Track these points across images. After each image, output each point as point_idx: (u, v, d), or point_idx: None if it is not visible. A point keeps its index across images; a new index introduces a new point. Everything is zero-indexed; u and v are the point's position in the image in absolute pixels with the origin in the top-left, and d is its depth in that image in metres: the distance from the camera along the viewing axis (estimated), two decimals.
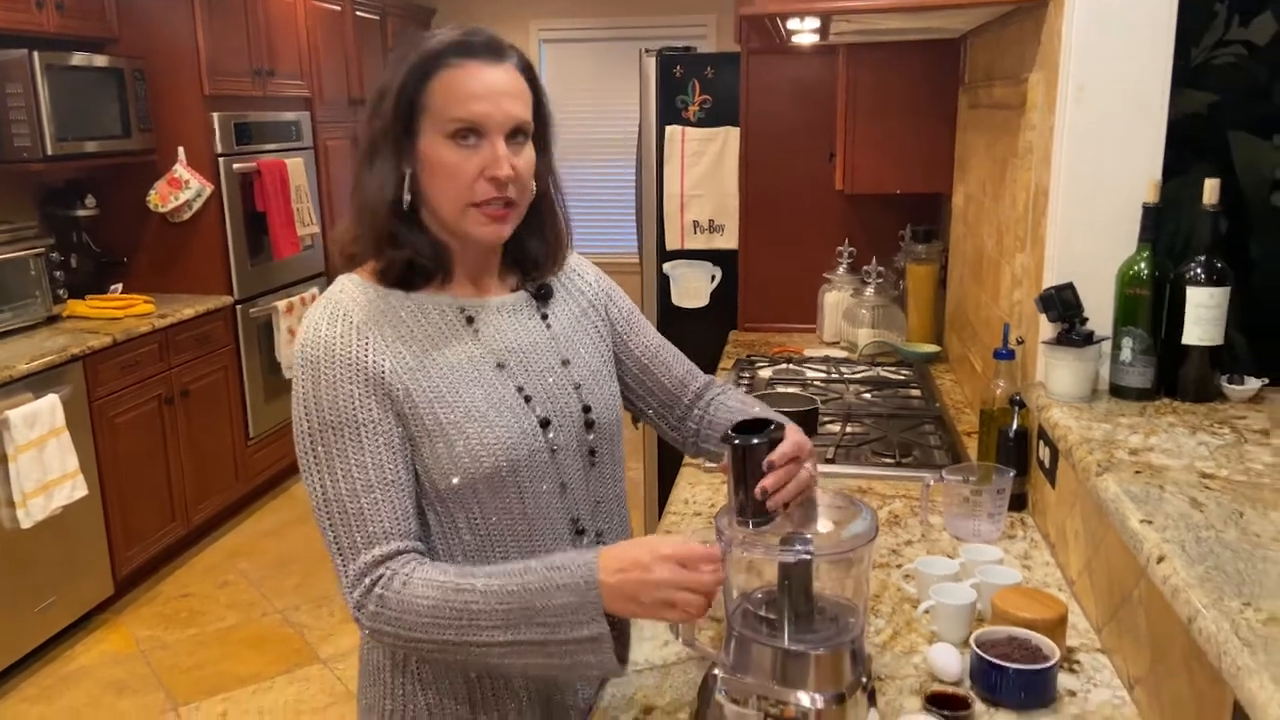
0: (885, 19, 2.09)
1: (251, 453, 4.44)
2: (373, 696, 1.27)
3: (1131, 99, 1.61)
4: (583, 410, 1.27)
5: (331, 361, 1.13)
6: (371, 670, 1.27)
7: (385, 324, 1.16)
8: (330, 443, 1.12)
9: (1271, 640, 0.91)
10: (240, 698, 3.09)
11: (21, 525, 3.07)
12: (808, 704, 1.05)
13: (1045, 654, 1.25)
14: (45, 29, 3.57)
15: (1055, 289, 1.65)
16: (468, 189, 1.14)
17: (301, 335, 1.16)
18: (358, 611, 1.12)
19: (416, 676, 1.23)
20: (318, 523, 1.14)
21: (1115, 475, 1.32)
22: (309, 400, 1.14)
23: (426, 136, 1.14)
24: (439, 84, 1.13)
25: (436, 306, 1.21)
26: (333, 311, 1.16)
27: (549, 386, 1.25)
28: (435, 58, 1.13)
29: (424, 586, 1.09)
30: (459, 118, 1.13)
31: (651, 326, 1.47)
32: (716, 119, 3.34)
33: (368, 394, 1.13)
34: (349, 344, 1.14)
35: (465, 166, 1.14)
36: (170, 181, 4.11)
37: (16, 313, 3.57)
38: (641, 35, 6.11)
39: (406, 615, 1.09)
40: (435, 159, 1.14)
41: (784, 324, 3.27)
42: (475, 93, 1.13)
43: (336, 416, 1.12)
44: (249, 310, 4.39)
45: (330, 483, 1.12)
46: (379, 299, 1.18)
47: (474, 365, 1.20)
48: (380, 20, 5.65)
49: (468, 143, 1.13)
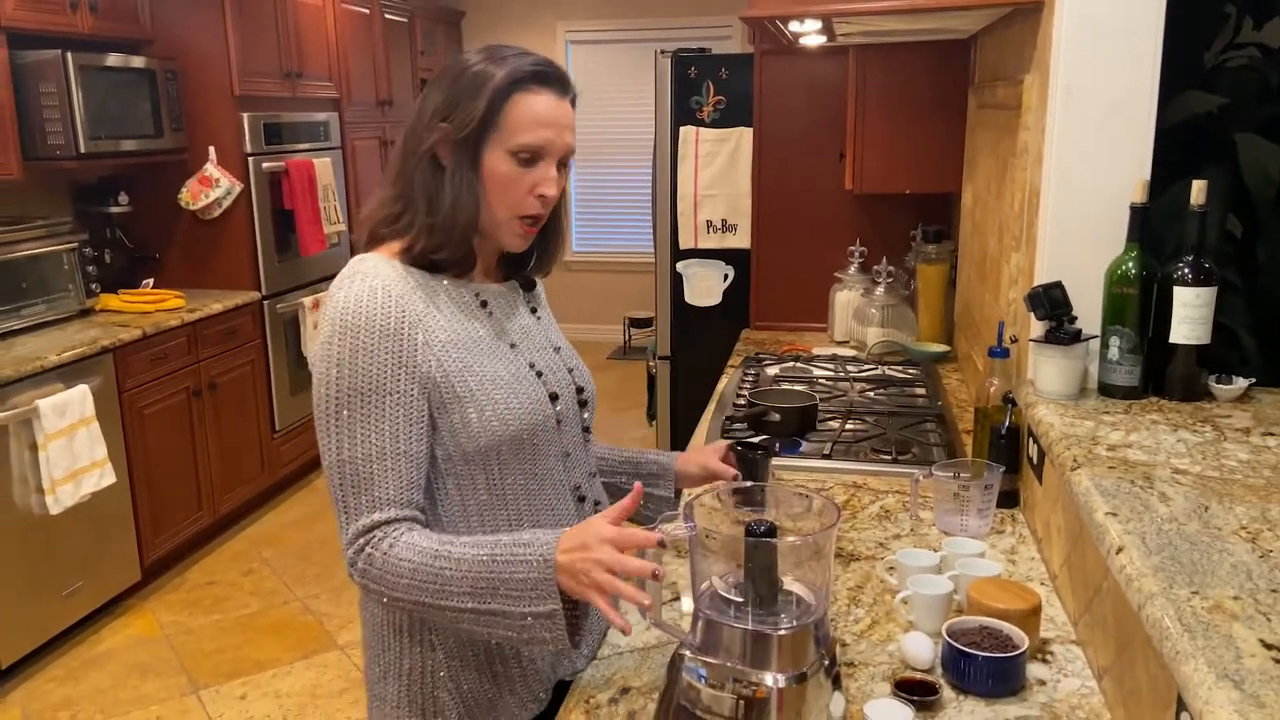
0: (885, 21, 2.12)
1: (277, 445, 4.53)
2: (389, 658, 1.34)
3: (1119, 101, 1.63)
4: (577, 390, 1.41)
5: (371, 331, 1.20)
6: (381, 637, 1.34)
7: (418, 300, 1.25)
8: (356, 408, 1.20)
9: (1212, 626, 0.94)
10: (259, 681, 3.17)
11: (51, 511, 3.18)
12: (770, 683, 1.08)
13: (1015, 643, 1.28)
14: (79, 30, 3.68)
15: (1043, 287, 1.68)
16: (517, 203, 1.27)
17: (340, 303, 1.22)
18: (351, 567, 1.22)
19: (434, 630, 1.30)
20: (328, 479, 1.23)
21: (1089, 470, 1.34)
22: (341, 365, 1.20)
23: (492, 150, 1.24)
24: (515, 106, 1.23)
25: (455, 288, 1.31)
26: (373, 284, 1.22)
27: (552, 366, 1.38)
28: (518, 82, 1.23)
29: (407, 550, 1.18)
30: (527, 144, 1.24)
31: None
32: (730, 119, 3.38)
33: (398, 366, 1.21)
34: (389, 316, 1.21)
35: (520, 183, 1.26)
36: (201, 180, 4.21)
37: (50, 305, 3.68)
38: (667, 37, 6.16)
39: (389, 575, 1.19)
40: (495, 171, 1.25)
41: (795, 323, 3.30)
42: (545, 121, 1.24)
43: (367, 384, 1.20)
44: (276, 306, 4.48)
45: (349, 445, 1.20)
46: (407, 275, 1.26)
47: (493, 342, 1.31)
48: (409, 22, 5.74)
49: (527, 162, 1.25)
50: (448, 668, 1.31)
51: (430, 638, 1.31)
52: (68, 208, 4.09)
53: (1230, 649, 0.90)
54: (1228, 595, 0.99)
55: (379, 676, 1.36)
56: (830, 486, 1.97)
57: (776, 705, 1.08)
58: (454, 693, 1.31)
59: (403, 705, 1.33)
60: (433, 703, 1.32)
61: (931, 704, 1.23)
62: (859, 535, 1.76)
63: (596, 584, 1.11)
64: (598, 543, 1.11)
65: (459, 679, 1.32)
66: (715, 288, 3.45)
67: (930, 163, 2.87)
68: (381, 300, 1.21)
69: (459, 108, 1.23)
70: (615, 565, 1.10)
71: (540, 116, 1.24)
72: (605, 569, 1.11)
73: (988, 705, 1.24)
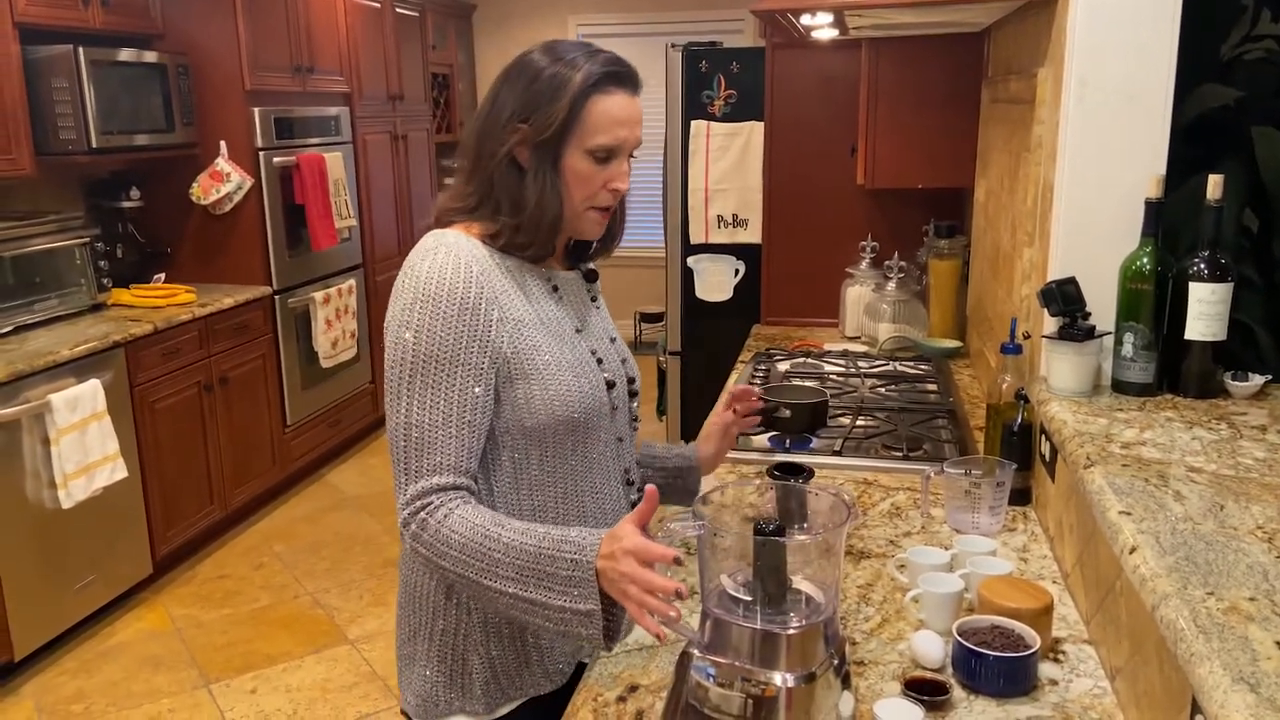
0: (897, 14, 2.10)
1: (288, 439, 4.54)
2: (421, 619, 1.38)
3: (1134, 95, 1.61)
4: (628, 380, 1.47)
5: (452, 301, 1.24)
6: (421, 595, 1.38)
7: (496, 278, 1.30)
8: (429, 373, 1.25)
9: (1228, 628, 0.92)
10: (270, 675, 3.18)
11: (63, 505, 3.19)
12: (779, 682, 1.07)
13: (1027, 643, 1.27)
14: (91, 25, 3.69)
15: (1056, 283, 1.66)
16: (593, 196, 1.33)
17: (424, 273, 1.26)
18: (404, 527, 1.26)
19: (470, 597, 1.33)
20: (390, 441, 1.28)
21: (1103, 468, 1.33)
22: (420, 332, 1.24)
23: (570, 149, 1.29)
24: (594, 108, 1.28)
25: (528, 272, 1.36)
26: (456, 257, 1.27)
27: (609, 355, 1.43)
28: (596, 84, 1.27)
29: (460, 524, 1.23)
30: (605, 144, 1.29)
31: None
32: (741, 113, 3.36)
33: (475, 338, 1.26)
34: (470, 290, 1.25)
35: (595, 179, 1.31)
36: (212, 174, 4.22)
37: (62, 300, 3.70)
38: (677, 30, 6.13)
39: (439, 545, 1.23)
40: (573, 170, 1.30)
41: (807, 318, 3.28)
42: (621, 120, 1.30)
43: (443, 352, 1.24)
44: (287, 300, 4.49)
45: (418, 409, 1.25)
46: (489, 255, 1.31)
47: (561, 325, 1.37)
48: (419, 16, 5.74)
49: (602, 160, 1.30)
50: (483, 631, 1.35)
51: (468, 602, 1.35)
52: (80, 203, 4.10)
53: (1246, 651, 0.89)
54: (1243, 596, 0.98)
55: (409, 636, 1.40)
56: (841, 483, 1.96)
57: (785, 704, 1.07)
58: (484, 658, 1.36)
59: (432, 663, 1.37)
60: (461, 664, 1.36)
61: (942, 704, 1.22)
62: (869, 533, 1.75)
63: (625, 595, 1.14)
64: (622, 554, 1.13)
65: (489, 646, 1.36)
66: (726, 283, 3.43)
67: (943, 157, 2.85)
68: (464, 275, 1.26)
69: (538, 110, 1.27)
70: (640, 582, 1.12)
71: (617, 117, 1.29)
72: (631, 582, 1.12)
73: (999, 705, 1.23)
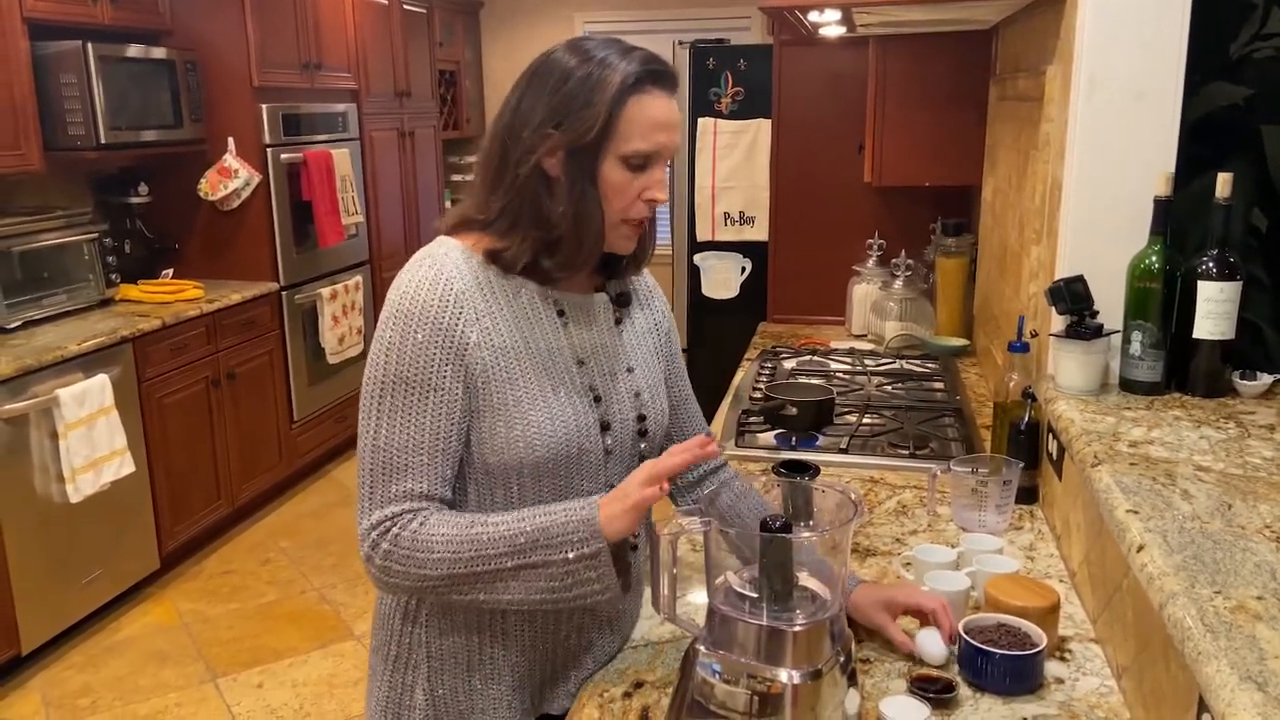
0: (905, 11, 2.10)
1: (295, 435, 4.55)
2: (381, 639, 1.34)
3: (1143, 93, 1.61)
4: (638, 419, 1.31)
5: (424, 322, 1.17)
6: (383, 615, 1.34)
7: (480, 298, 1.20)
8: (399, 396, 1.17)
9: (1235, 627, 0.92)
10: (276, 670, 3.19)
11: (71, 500, 3.20)
12: (784, 679, 1.07)
13: (1033, 641, 1.26)
14: (99, 21, 3.70)
15: (1065, 281, 1.66)
16: (628, 208, 1.21)
17: (401, 287, 1.20)
18: (370, 551, 1.18)
19: (424, 627, 1.29)
20: (359, 463, 1.21)
21: (1110, 466, 1.32)
22: (391, 351, 1.18)
23: (606, 156, 1.18)
24: (632, 111, 1.16)
25: (529, 293, 1.25)
26: (436, 273, 1.19)
27: (617, 390, 1.30)
28: (635, 85, 1.16)
29: (440, 525, 1.17)
30: (643, 150, 1.18)
31: (686, 376, 1.51)
32: (749, 111, 3.36)
33: (446, 361, 1.17)
34: (444, 309, 1.17)
35: (631, 188, 1.19)
36: (220, 170, 4.23)
37: (71, 295, 3.71)
38: (685, 28, 6.13)
39: (419, 553, 1.16)
40: (608, 178, 1.18)
41: (813, 316, 3.28)
42: (660, 124, 1.18)
43: (413, 374, 1.17)
44: (294, 296, 4.50)
45: (386, 432, 1.18)
46: (480, 271, 1.22)
47: (556, 356, 1.24)
48: (427, 13, 5.74)
49: (638, 168, 1.19)
50: (428, 666, 1.29)
51: (421, 632, 1.29)
52: (88, 198, 4.11)
53: (1253, 650, 0.88)
54: (1251, 595, 0.98)
55: (373, 648, 1.36)
56: (847, 481, 1.96)
57: (791, 701, 1.07)
58: (427, 693, 1.29)
59: (383, 686, 1.32)
60: (409, 694, 1.30)
61: (948, 701, 1.22)
62: (875, 530, 1.74)
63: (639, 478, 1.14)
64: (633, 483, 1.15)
65: (433, 681, 1.29)
66: (732, 280, 3.44)
67: (950, 155, 2.85)
68: (441, 292, 1.18)
69: (571, 114, 1.16)
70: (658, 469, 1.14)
71: (658, 120, 1.18)
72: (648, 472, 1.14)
73: (1005, 703, 1.23)
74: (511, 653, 1.29)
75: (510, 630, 1.28)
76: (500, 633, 1.28)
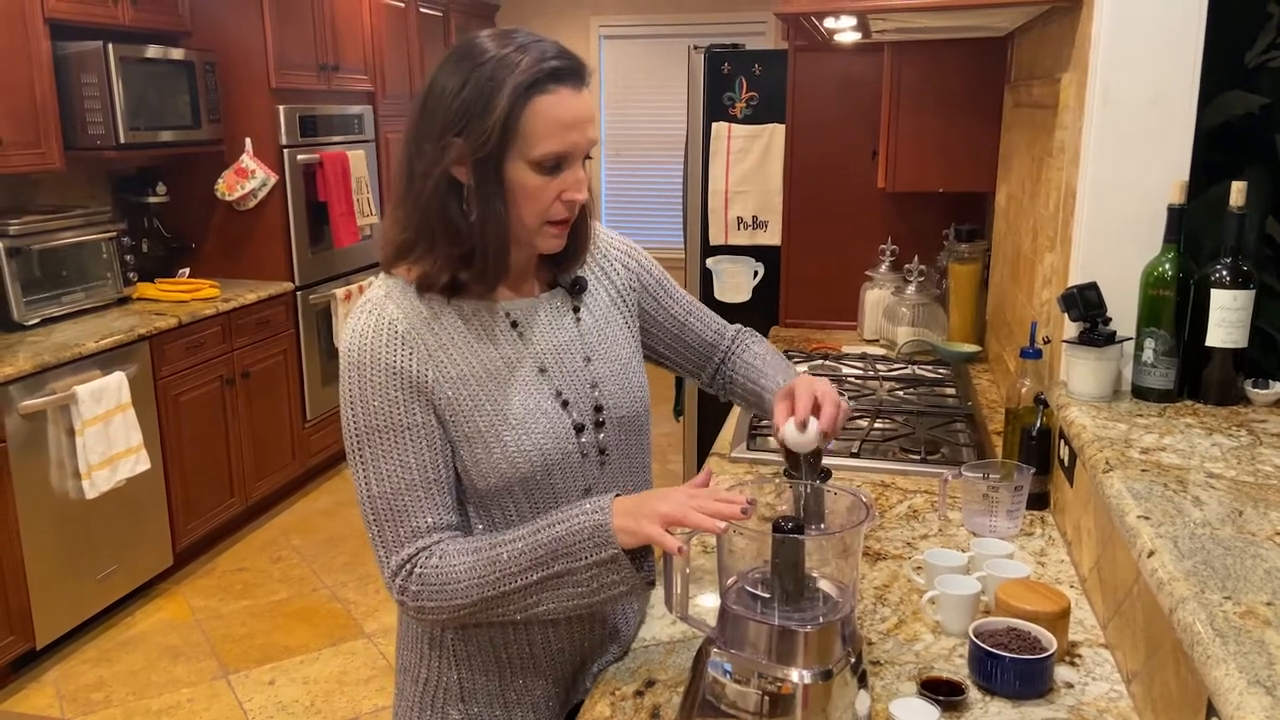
0: (920, 17, 2.11)
1: (308, 434, 4.58)
2: (409, 660, 1.35)
3: (1158, 100, 1.61)
4: (594, 409, 1.29)
5: (376, 368, 1.16)
6: (410, 639, 1.35)
7: (428, 332, 1.18)
8: (375, 444, 1.16)
9: (1244, 632, 0.93)
10: (288, 667, 3.21)
11: (87, 496, 3.23)
12: (795, 679, 1.08)
13: (1043, 646, 1.27)
14: (120, 22, 3.74)
15: (1078, 288, 1.66)
16: (546, 211, 1.17)
17: (347, 339, 1.19)
18: (401, 595, 1.19)
19: (451, 653, 1.30)
20: (362, 515, 1.20)
21: (1121, 473, 1.33)
22: (355, 403, 1.17)
23: (513, 163, 1.13)
24: (534, 112, 1.11)
25: (478, 312, 1.22)
26: (378, 319, 1.17)
27: (580, 388, 1.28)
28: (534, 84, 1.11)
29: (459, 555, 1.17)
30: (553, 152, 1.13)
31: (681, 291, 1.51)
32: (763, 116, 3.37)
33: (411, 399, 1.16)
34: (393, 352, 1.16)
35: (547, 191, 1.15)
36: (237, 171, 4.26)
37: (89, 293, 3.74)
38: (700, 32, 6.14)
39: (447, 585, 1.16)
40: (519, 184, 1.14)
41: (825, 321, 3.29)
42: (568, 123, 1.13)
43: (381, 420, 1.16)
44: (309, 296, 4.53)
45: (375, 481, 1.17)
46: (423, 306, 1.19)
47: (516, 370, 1.23)
48: (443, 16, 5.77)
49: (551, 170, 1.15)
50: (460, 688, 1.31)
51: (450, 657, 1.30)
52: (107, 197, 4.15)
53: (1262, 655, 0.89)
54: (1261, 601, 0.98)
55: (401, 668, 1.37)
56: (858, 485, 1.97)
57: (802, 701, 1.08)
58: (463, 714, 1.31)
59: (414, 708, 1.34)
60: (442, 716, 1.32)
61: (958, 704, 1.23)
62: (886, 534, 1.75)
63: (659, 514, 1.10)
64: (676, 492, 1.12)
65: (468, 704, 1.31)
66: (745, 284, 3.44)
67: (964, 161, 2.85)
68: (388, 338, 1.16)
69: (471, 122, 1.11)
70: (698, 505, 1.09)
71: (564, 119, 1.12)
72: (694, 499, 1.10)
73: (1014, 707, 1.24)
74: (540, 664, 1.32)
75: (536, 639, 1.31)
76: (526, 642, 1.31)
